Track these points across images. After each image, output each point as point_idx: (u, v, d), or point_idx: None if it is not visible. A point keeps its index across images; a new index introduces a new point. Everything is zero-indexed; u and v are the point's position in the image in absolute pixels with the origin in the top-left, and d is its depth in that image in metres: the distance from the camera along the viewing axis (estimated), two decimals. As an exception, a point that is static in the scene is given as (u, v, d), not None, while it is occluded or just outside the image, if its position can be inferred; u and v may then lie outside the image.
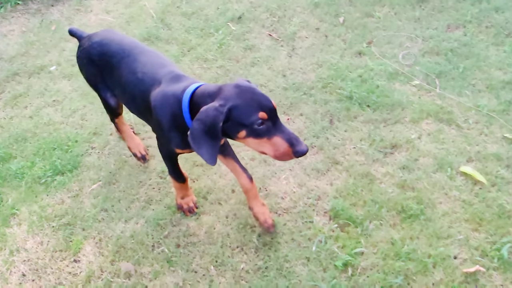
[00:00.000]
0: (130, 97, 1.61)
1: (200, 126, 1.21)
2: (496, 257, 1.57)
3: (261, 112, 1.21)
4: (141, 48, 1.65)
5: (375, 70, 2.60)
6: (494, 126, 2.17)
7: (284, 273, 1.59)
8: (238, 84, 1.28)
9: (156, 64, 1.56)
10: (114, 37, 1.72)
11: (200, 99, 1.31)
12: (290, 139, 1.22)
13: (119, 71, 1.62)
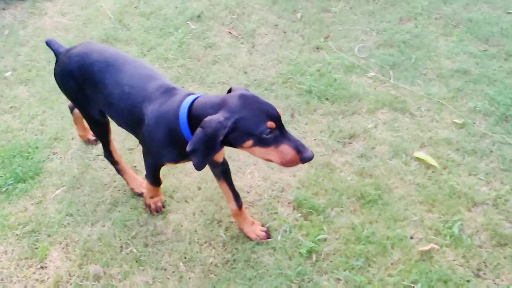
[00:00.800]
0: (116, 111, 1.55)
1: (201, 134, 1.20)
2: (448, 234, 1.69)
3: (270, 122, 1.21)
4: (125, 58, 1.57)
5: (333, 64, 2.69)
6: (444, 113, 2.30)
7: (252, 264, 1.64)
8: (243, 94, 1.26)
9: (144, 76, 1.50)
10: (94, 48, 1.64)
11: (200, 111, 1.27)
12: (297, 146, 1.24)
13: (103, 83, 1.53)
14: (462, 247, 1.64)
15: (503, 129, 2.17)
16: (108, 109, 1.61)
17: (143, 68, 1.56)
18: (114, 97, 1.51)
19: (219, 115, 1.20)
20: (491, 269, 1.57)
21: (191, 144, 1.21)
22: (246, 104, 1.22)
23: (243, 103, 1.22)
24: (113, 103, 1.52)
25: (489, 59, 2.68)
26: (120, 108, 1.51)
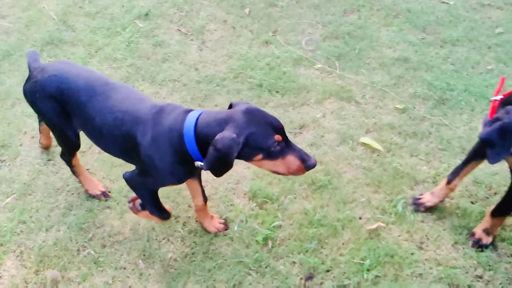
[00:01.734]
0: (110, 139, 1.48)
1: (215, 152, 1.20)
2: (393, 212, 1.81)
3: (277, 135, 1.24)
4: (112, 84, 1.52)
5: (282, 58, 2.76)
6: (387, 99, 2.44)
7: (211, 255, 1.69)
8: (248, 109, 1.26)
9: (134, 99, 1.46)
10: (77, 72, 1.56)
11: (206, 129, 1.26)
12: (302, 156, 1.27)
13: (90, 111, 1.47)
14: (406, 223, 1.77)
15: (441, 112, 2.33)
16: (97, 138, 1.55)
17: (131, 92, 1.51)
18: (106, 125, 1.45)
19: (229, 132, 1.20)
20: (432, 241, 1.70)
21: (207, 164, 1.22)
22: (253, 119, 1.24)
23: (251, 118, 1.24)
24: (106, 132, 1.47)
25: (427, 46, 2.85)
26: (113, 136, 1.46)
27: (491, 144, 1.23)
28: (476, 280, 1.58)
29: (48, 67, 1.59)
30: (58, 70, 1.56)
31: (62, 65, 1.62)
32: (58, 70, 1.56)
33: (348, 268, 1.61)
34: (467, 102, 2.36)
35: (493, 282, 1.56)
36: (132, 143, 1.41)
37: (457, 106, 2.34)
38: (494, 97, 1.33)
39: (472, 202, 1.85)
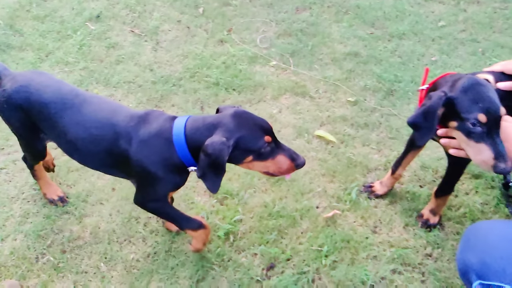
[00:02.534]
0: (87, 154, 1.45)
1: (206, 158, 1.20)
2: (348, 200, 1.89)
3: (266, 136, 1.26)
4: (82, 96, 1.47)
5: (237, 56, 2.80)
6: (339, 93, 2.53)
7: (173, 254, 1.70)
8: (236, 113, 1.27)
9: (107, 112, 1.41)
10: (47, 83, 1.49)
11: (196, 134, 1.27)
12: (291, 155, 1.30)
13: (62, 125, 1.43)
14: (360, 209, 1.86)
15: (390, 103, 2.44)
16: (71, 152, 1.51)
17: (104, 103, 1.46)
18: (81, 141, 1.41)
19: (218, 136, 1.21)
20: (385, 225, 1.80)
21: (199, 170, 1.22)
22: (242, 122, 1.25)
23: (239, 122, 1.24)
24: (80, 147, 1.43)
25: (375, 41, 2.98)
26: (93, 152, 1.42)
27: (417, 127, 1.33)
28: (426, 258, 1.68)
29: (18, 77, 1.52)
30: (27, 81, 1.49)
31: (33, 75, 1.54)
32: (28, 81, 1.49)
33: (307, 256, 1.68)
34: (413, 93, 2.49)
35: (441, 259, 1.67)
36: (118, 157, 1.38)
37: (404, 97, 2.47)
38: (420, 87, 1.43)
39: (420, 186, 1.97)
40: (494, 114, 1.20)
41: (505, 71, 1.42)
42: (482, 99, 1.21)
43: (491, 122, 1.20)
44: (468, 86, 1.25)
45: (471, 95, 1.23)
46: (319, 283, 1.61)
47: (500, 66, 1.44)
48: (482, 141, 1.22)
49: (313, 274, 1.62)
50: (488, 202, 1.89)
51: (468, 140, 1.24)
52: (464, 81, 1.26)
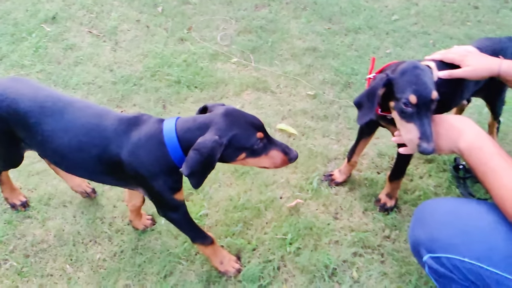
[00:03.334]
0: (77, 163, 1.38)
1: (196, 156, 1.18)
2: (310, 189, 1.96)
3: (259, 133, 1.26)
4: (63, 101, 1.39)
5: (198, 54, 2.82)
6: (299, 87, 2.60)
7: (140, 251, 1.71)
8: (227, 111, 1.26)
9: (93, 117, 1.35)
10: (26, 90, 1.41)
11: (188, 134, 1.25)
12: (284, 149, 1.30)
13: (44, 134, 1.36)
14: (321, 197, 1.92)
15: (347, 95, 2.53)
16: (57, 161, 1.44)
17: (88, 108, 1.39)
18: (68, 149, 1.35)
19: (211, 135, 1.20)
20: (345, 211, 1.88)
21: (187, 168, 1.18)
22: (234, 120, 1.24)
23: (231, 120, 1.24)
24: (70, 156, 1.36)
25: (333, 35, 3.07)
26: (83, 160, 1.35)
27: (360, 106, 1.42)
28: (385, 240, 1.77)
29: None
30: (3, 89, 1.41)
31: (9, 83, 1.45)
32: (3, 89, 1.41)
33: (272, 244, 1.73)
34: (369, 84, 2.60)
35: (398, 240, 1.76)
36: (112, 164, 1.34)
37: (361, 89, 2.56)
38: (368, 76, 1.51)
39: (378, 172, 2.06)
40: (425, 97, 1.28)
41: (444, 59, 1.52)
42: (415, 82, 1.29)
43: (421, 104, 1.28)
44: (406, 69, 1.33)
45: (407, 77, 1.31)
46: (284, 270, 1.66)
47: (439, 55, 1.54)
48: (412, 121, 1.30)
49: (278, 262, 1.68)
50: (440, 184, 2.00)
51: (400, 119, 1.33)
52: (404, 65, 1.35)
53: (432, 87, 1.30)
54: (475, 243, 1.07)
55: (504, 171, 1.09)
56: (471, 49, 1.51)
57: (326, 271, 1.64)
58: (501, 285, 1.02)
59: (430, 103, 1.28)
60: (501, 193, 1.07)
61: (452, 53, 1.50)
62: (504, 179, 1.08)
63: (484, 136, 1.18)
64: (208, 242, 1.54)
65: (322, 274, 1.63)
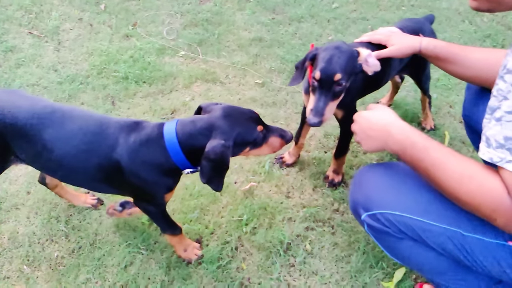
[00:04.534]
0: (76, 171, 1.37)
1: (209, 163, 1.21)
2: (262, 172, 2.04)
3: (259, 126, 1.29)
4: (60, 111, 1.37)
5: (144, 49, 2.82)
6: (247, 77, 2.67)
7: (99, 245, 1.73)
8: (226, 112, 1.27)
9: (95, 125, 1.35)
10: (19, 103, 1.38)
11: (191, 140, 1.26)
12: (280, 134, 1.35)
13: (43, 145, 1.33)
14: (274, 179, 2.02)
15: (294, 81, 2.64)
16: (54, 171, 1.42)
17: (87, 116, 1.39)
18: (68, 158, 1.33)
19: (217, 140, 1.22)
20: (296, 189, 1.98)
21: (204, 177, 1.23)
22: (234, 120, 1.27)
23: (232, 120, 1.26)
24: (68, 165, 1.34)
25: (277, 25, 3.17)
26: (82, 168, 1.35)
27: (296, 69, 1.57)
28: (334, 213, 1.89)
29: None
30: None
31: (2, 95, 1.42)
32: None
33: (229, 227, 1.80)
34: (314, 70, 2.71)
35: (346, 212, 1.88)
36: (111, 170, 1.34)
37: (306, 74, 2.67)
38: None
39: (325, 151, 2.18)
40: (328, 75, 1.40)
41: (371, 41, 1.64)
42: (326, 60, 1.41)
43: (323, 81, 1.41)
44: (327, 47, 1.45)
45: (323, 55, 1.43)
46: (242, 249, 1.74)
47: (366, 37, 1.66)
48: (313, 94, 1.44)
49: (236, 242, 1.75)
50: (382, 158, 2.15)
51: (311, 91, 1.48)
52: (329, 44, 1.47)
53: (338, 69, 1.40)
54: (403, 197, 1.19)
55: (446, 161, 1.04)
56: (394, 29, 1.64)
57: (281, 247, 1.74)
58: (427, 231, 1.14)
59: (332, 83, 1.41)
60: (451, 185, 1.03)
61: (378, 34, 1.63)
62: (448, 170, 1.03)
63: (410, 131, 1.13)
64: (177, 232, 1.59)
65: (278, 250, 1.72)
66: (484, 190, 0.97)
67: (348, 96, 1.65)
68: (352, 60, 1.45)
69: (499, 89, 0.94)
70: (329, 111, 1.47)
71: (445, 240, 1.13)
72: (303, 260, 1.70)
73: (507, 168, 0.92)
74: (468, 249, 1.11)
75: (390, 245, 1.29)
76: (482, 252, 1.09)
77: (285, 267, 1.68)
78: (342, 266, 1.68)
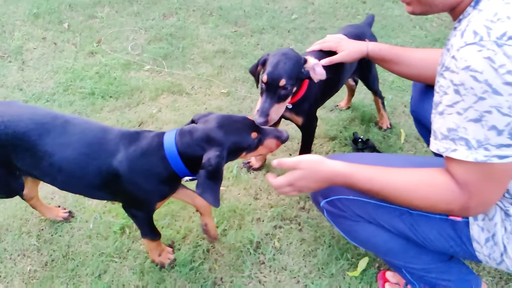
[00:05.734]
0: (75, 176, 1.39)
1: (205, 174, 1.24)
2: (231, 176, 2.12)
3: (253, 133, 1.32)
4: (62, 117, 1.41)
5: (110, 65, 2.87)
6: (213, 87, 2.76)
7: (71, 257, 1.75)
8: (220, 122, 1.31)
9: (98, 131, 1.40)
10: (19, 111, 1.40)
11: (189, 150, 1.31)
12: (275, 135, 1.38)
13: (44, 149, 1.36)
14: (242, 182, 2.09)
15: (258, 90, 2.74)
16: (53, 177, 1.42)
17: (89, 123, 1.44)
18: (68, 162, 1.36)
19: (212, 152, 1.27)
20: (264, 191, 2.06)
21: (199, 188, 1.26)
22: (228, 129, 1.30)
23: (226, 130, 1.30)
24: (68, 169, 1.37)
25: (240, 37, 3.28)
26: (82, 173, 1.37)
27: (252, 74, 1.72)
28: (300, 211, 1.98)
29: None
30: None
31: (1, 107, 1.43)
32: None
33: (200, 230, 1.86)
34: (276, 78, 2.83)
35: (312, 209, 1.98)
36: (108, 176, 1.37)
37: (269, 82, 2.79)
38: None
39: (290, 154, 2.28)
40: (274, 79, 1.50)
41: (322, 48, 1.76)
42: (273, 65, 1.51)
43: (270, 85, 1.51)
44: (276, 52, 1.56)
45: (271, 60, 1.54)
46: (214, 251, 1.80)
47: (317, 45, 1.78)
48: (261, 96, 1.55)
49: (207, 245, 1.81)
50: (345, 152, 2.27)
51: (260, 93, 1.58)
52: (278, 50, 1.58)
53: (283, 74, 1.50)
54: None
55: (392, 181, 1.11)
56: (341, 36, 1.77)
57: (251, 246, 1.81)
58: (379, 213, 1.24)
59: (277, 87, 1.51)
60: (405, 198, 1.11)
61: (327, 41, 1.75)
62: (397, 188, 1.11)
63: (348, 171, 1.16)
64: (157, 238, 1.64)
65: (248, 249, 1.80)
66: (435, 190, 1.07)
67: (306, 104, 1.76)
68: (298, 66, 1.56)
69: (441, 86, 1.04)
70: (275, 112, 1.55)
71: (396, 219, 1.24)
72: (272, 257, 1.77)
73: (452, 157, 1.02)
74: (416, 226, 1.22)
75: (348, 228, 1.39)
76: (428, 228, 1.20)
77: (255, 265, 1.75)
78: (309, 260, 1.77)
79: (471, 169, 1.01)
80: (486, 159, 0.97)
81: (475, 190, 1.02)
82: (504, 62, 0.90)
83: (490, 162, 0.97)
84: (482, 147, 0.97)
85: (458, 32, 1.00)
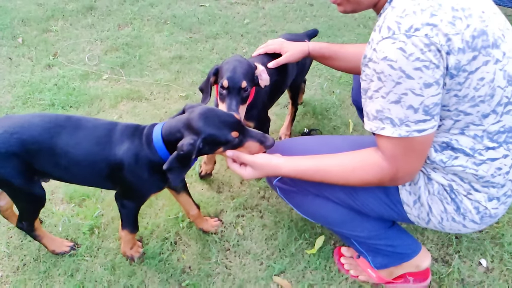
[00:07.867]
0: (88, 166, 1.51)
1: (175, 155, 1.32)
2: (193, 174, 2.23)
3: (233, 132, 1.36)
4: (75, 117, 1.55)
5: (68, 76, 2.92)
6: (171, 91, 2.87)
7: (43, 260, 1.81)
8: (203, 113, 1.36)
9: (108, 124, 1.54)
10: (25, 118, 1.50)
11: (170, 136, 1.40)
12: (260, 139, 1.41)
13: (61, 144, 1.47)
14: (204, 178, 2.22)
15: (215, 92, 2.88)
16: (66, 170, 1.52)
17: (97, 120, 1.57)
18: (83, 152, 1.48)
19: (188, 138, 1.33)
20: (226, 184, 2.19)
21: (167, 164, 1.33)
22: (208, 121, 1.35)
23: (206, 122, 1.35)
24: (82, 159, 1.49)
25: (195, 43, 3.41)
26: (90, 163, 1.50)
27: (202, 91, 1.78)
28: (261, 199, 2.12)
29: None
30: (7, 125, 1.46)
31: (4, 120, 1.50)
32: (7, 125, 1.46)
33: (167, 225, 1.97)
34: (232, 79, 2.97)
35: (272, 197, 2.13)
36: (113, 165, 1.49)
37: (225, 84, 2.93)
38: None
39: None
40: (235, 83, 1.61)
41: (267, 51, 1.91)
42: (230, 70, 1.62)
43: (231, 89, 1.61)
44: (228, 60, 1.68)
45: (226, 67, 1.65)
46: (181, 242, 1.91)
47: (262, 49, 1.92)
48: (224, 101, 1.63)
49: (174, 237, 1.92)
50: (299, 148, 2.44)
51: (219, 100, 1.67)
52: (229, 58, 1.70)
53: (243, 78, 1.62)
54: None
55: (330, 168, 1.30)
56: (281, 40, 1.93)
57: (216, 235, 1.93)
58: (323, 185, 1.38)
59: (239, 89, 1.62)
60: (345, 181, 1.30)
61: (271, 45, 1.90)
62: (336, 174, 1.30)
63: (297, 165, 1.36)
64: (135, 231, 1.76)
65: (213, 238, 1.92)
66: (367, 171, 1.25)
67: (255, 110, 1.86)
68: (252, 71, 1.69)
69: (366, 74, 1.20)
70: (241, 112, 1.67)
71: (337, 190, 1.40)
72: (236, 243, 1.91)
73: (382, 134, 1.19)
74: (355, 194, 1.39)
75: (298, 203, 1.54)
76: (365, 195, 1.38)
77: (221, 252, 1.88)
78: (271, 242, 1.91)
79: (397, 144, 1.19)
80: (408, 134, 1.15)
81: (401, 162, 1.20)
82: (413, 51, 1.08)
83: (411, 136, 1.15)
84: (404, 124, 1.14)
85: (377, 28, 1.18)
